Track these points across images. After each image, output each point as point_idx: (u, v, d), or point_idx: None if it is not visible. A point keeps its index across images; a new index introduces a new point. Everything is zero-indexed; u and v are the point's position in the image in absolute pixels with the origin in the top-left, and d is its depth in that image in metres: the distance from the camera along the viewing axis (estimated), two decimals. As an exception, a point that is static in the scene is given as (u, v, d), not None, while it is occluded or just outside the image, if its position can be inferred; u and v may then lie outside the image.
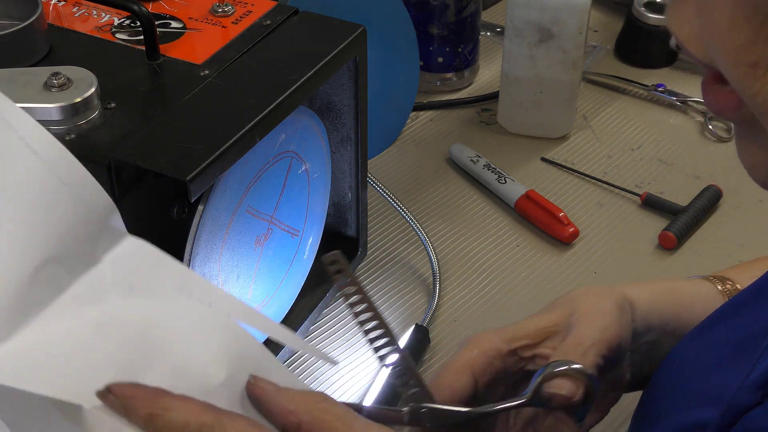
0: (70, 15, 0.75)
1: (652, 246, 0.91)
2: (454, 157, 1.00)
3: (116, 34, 0.73)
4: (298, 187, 0.75)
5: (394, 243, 0.91)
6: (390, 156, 1.01)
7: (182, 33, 0.73)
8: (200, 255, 0.66)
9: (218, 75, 0.68)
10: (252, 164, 0.68)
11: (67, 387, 0.41)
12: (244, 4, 0.75)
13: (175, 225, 0.69)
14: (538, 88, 0.99)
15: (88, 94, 0.63)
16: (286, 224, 0.75)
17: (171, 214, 0.69)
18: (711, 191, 0.94)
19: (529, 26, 0.95)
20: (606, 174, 0.99)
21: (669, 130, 1.05)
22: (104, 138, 0.62)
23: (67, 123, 0.63)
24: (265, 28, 0.73)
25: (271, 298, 0.76)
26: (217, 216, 0.66)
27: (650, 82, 1.09)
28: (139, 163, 0.59)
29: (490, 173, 0.96)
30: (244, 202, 0.69)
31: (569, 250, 0.90)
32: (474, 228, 0.93)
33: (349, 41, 0.71)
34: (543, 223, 0.92)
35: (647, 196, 0.95)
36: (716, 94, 0.41)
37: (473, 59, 1.10)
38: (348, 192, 0.83)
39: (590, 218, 0.94)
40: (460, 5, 1.04)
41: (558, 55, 0.96)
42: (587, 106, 1.07)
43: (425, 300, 0.85)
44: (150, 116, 0.64)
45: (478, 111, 1.08)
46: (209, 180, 0.60)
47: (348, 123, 0.78)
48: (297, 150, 0.73)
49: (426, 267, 0.88)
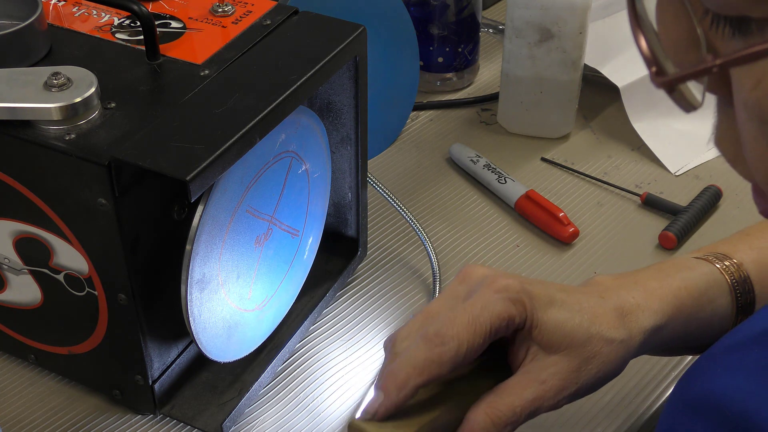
0: (70, 15, 0.75)
1: (652, 246, 0.90)
2: (454, 157, 1.00)
3: (116, 34, 0.73)
4: (298, 187, 0.75)
5: (394, 243, 0.91)
6: (390, 156, 1.01)
7: (182, 33, 0.73)
8: (200, 255, 0.66)
9: (218, 75, 0.68)
10: (252, 164, 0.68)
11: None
12: (244, 4, 0.75)
13: (175, 225, 0.69)
14: (538, 88, 0.99)
15: (88, 94, 0.63)
16: (286, 224, 0.75)
17: (171, 214, 0.69)
18: (711, 191, 0.94)
19: (529, 26, 0.95)
20: (606, 174, 0.99)
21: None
22: (104, 138, 0.62)
23: (67, 123, 0.63)
24: (265, 28, 0.73)
25: (271, 298, 0.76)
26: (217, 216, 0.66)
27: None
28: (139, 163, 0.59)
29: (490, 173, 0.96)
30: (244, 202, 0.69)
31: (569, 250, 0.90)
32: (474, 228, 0.93)
33: (349, 41, 0.71)
34: (543, 223, 0.92)
35: (647, 196, 0.95)
36: (761, 203, 0.42)
37: (473, 59, 1.10)
38: (348, 192, 0.83)
39: (590, 218, 0.94)
40: (460, 5, 1.04)
41: (558, 55, 0.96)
42: (587, 106, 1.07)
43: (425, 300, 0.85)
44: (150, 116, 0.64)
45: (478, 111, 1.08)
46: (209, 180, 0.60)
47: (348, 123, 0.78)
48: (297, 150, 0.73)
49: (426, 267, 0.88)
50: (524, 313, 0.59)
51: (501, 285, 0.59)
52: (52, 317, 0.73)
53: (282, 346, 0.78)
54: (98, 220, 0.63)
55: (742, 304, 0.66)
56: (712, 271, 0.66)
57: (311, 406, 0.76)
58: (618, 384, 0.76)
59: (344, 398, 0.77)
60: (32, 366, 0.79)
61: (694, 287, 0.64)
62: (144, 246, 0.66)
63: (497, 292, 0.59)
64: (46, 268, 0.70)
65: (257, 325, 0.76)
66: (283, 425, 0.75)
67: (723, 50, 0.36)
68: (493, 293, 0.59)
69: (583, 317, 0.60)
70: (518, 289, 0.59)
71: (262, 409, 0.76)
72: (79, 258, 0.67)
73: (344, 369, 0.79)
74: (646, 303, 0.63)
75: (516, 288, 0.59)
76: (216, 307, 0.70)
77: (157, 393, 0.73)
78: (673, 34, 0.38)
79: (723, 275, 0.66)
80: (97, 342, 0.71)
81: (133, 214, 0.64)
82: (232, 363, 0.75)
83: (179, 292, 0.66)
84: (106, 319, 0.69)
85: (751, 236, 0.69)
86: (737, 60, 0.34)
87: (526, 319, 0.59)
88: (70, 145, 0.62)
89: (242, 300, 0.73)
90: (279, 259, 0.76)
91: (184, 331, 0.68)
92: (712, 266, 0.66)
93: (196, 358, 0.76)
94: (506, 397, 0.58)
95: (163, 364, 0.73)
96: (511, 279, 0.60)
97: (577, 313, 0.60)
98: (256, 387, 0.75)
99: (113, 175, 0.61)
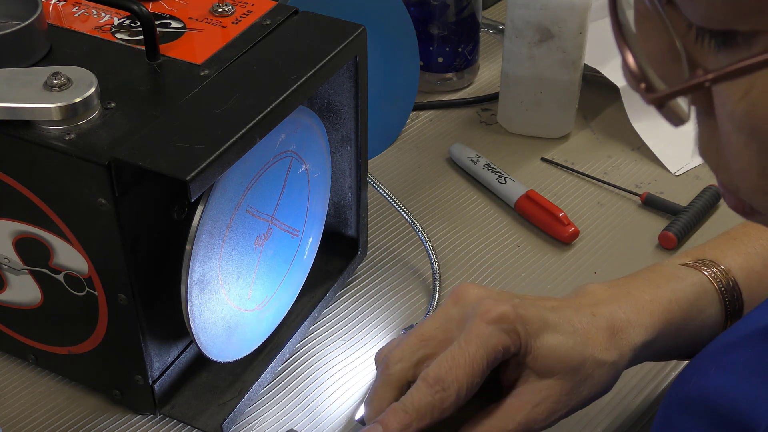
0: (70, 15, 0.75)
1: (652, 246, 0.90)
2: (454, 157, 1.00)
3: (116, 34, 0.73)
4: (298, 187, 0.75)
5: (394, 243, 0.91)
6: (390, 156, 1.01)
7: (182, 33, 0.73)
8: (200, 255, 0.66)
9: (218, 75, 0.68)
10: (252, 164, 0.68)
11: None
12: (244, 4, 0.75)
13: (175, 225, 0.69)
14: (538, 88, 0.99)
15: (88, 94, 0.63)
16: (286, 224, 0.75)
17: (171, 214, 0.69)
18: (711, 191, 0.94)
19: (529, 26, 0.95)
20: (606, 174, 0.99)
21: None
22: (104, 138, 0.62)
23: (67, 123, 0.63)
24: (265, 28, 0.73)
25: (271, 298, 0.76)
26: (217, 216, 0.66)
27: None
28: (139, 163, 0.59)
29: (490, 173, 0.96)
30: (244, 201, 0.69)
31: (569, 250, 0.90)
32: (474, 228, 0.93)
33: (349, 41, 0.71)
34: (543, 223, 0.92)
35: (647, 196, 0.95)
36: (731, 199, 0.41)
37: (473, 59, 1.10)
38: (348, 192, 0.83)
39: (590, 218, 0.94)
40: (460, 5, 1.04)
41: (558, 55, 0.96)
42: (587, 106, 1.07)
43: (425, 300, 0.85)
44: (150, 116, 0.64)
45: (478, 111, 1.08)
46: (209, 180, 0.60)
47: (348, 123, 0.78)
48: (297, 150, 0.73)
49: (426, 267, 0.88)
50: (518, 342, 0.59)
51: (495, 315, 0.59)
52: (52, 317, 0.73)
53: (282, 346, 0.78)
54: (98, 220, 0.63)
55: (731, 311, 0.66)
56: (702, 281, 0.66)
57: (311, 406, 0.76)
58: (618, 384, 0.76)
59: (344, 398, 0.77)
60: (32, 366, 0.79)
61: (684, 299, 0.65)
62: (144, 246, 0.66)
63: (491, 323, 0.59)
64: (46, 268, 0.70)
65: (257, 325, 0.76)
66: (283, 425, 0.75)
67: (706, 63, 0.36)
68: (487, 325, 0.59)
69: (576, 340, 0.61)
70: (512, 317, 0.59)
71: (262, 409, 0.76)
72: (79, 258, 0.67)
73: (344, 369, 0.79)
74: (637, 319, 0.63)
75: (510, 317, 0.59)
76: (216, 307, 0.70)
77: (157, 393, 0.73)
78: (652, 48, 0.38)
79: (712, 284, 0.66)
80: (97, 342, 0.71)
81: (133, 214, 0.64)
82: (232, 363, 0.75)
83: (179, 292, 0.66)
84: (106, 319, 0.69)
85: (737, 240, 0.70)
86: (728, 74, 0.33)
87: (520, 346, 0.59)
88: (70, 145, 0.62)
89: (242, 300, 0.73)
90: (279, 259, 0.76)
91: (184, 331, 0.68)
92: (701, 275, 0.66)
93: (196, 358, 0.76)
94: (499, 421, 0.59)
95: (163, 364, 0.73)
96: (505, 305, 0.60)
97: (571, 336, 0.61)
98: (256, 387, 0.75)
99: (113, 175, 0.61)
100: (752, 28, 0.33)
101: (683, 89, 0.35)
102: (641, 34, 0.38)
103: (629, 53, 0.36)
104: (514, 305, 0.60)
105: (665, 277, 0.66)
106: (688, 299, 0.65)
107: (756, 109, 0.34)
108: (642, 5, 0.38)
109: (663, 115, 0.36)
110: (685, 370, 0.54)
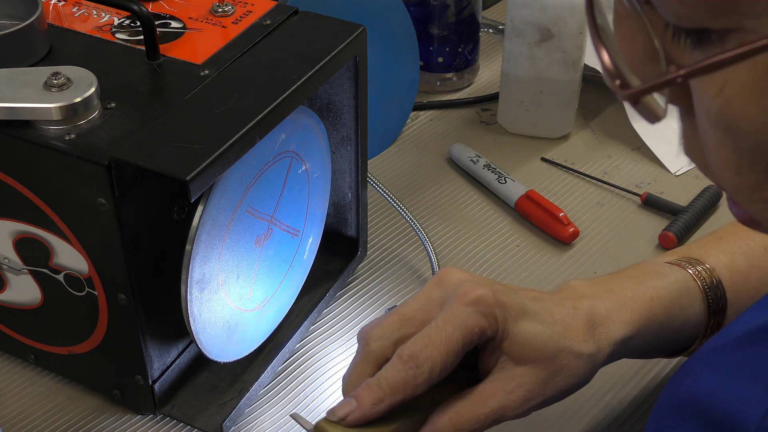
0: (70, 15, 0.75)
1: (652, 246, 0.90)
2: (454, 157, 1.00)
3: (116, 34, 0.73)
4: (298, 187, 0.75)
5: (394, 243, 0.91)
6: (390, 156, 1.01)
7: (182, 33, 0.73)
8: (200, 255, 0.66)
9: (218, 75, 0.68)
10: (252, 164, 0.68)
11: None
12: (244, 4, 0.75)
13: (175, 225, 0.69)
14: (538, 88, 0.99)
15: (88, 94, 0.63)
16: (286, 224, 0.75)
17: (171, 214, 0.69)
18: (711, 191, 0.94)
19: (529, 26, 0.95)
20: (606, 174, 0.99)
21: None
22: (104, 138, 0.62)
23: (67, 123, 0.63)
24: (265, 28, 0.73)
25: (271, 298, 0.76)
26: (217, 216, 0.66)
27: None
28: (139, 163, 0.59)
29: (490, 173, 0.96)
30: (244, 202, 0.69)
31: (569, 250, 0.90)
32: (474, 228, 0.93)
33: (349, 41, 0.71)
34: (543, 223, 0.92)
35: (647, 196, 0.95)
36: (737, 211, 0.42)
37: (473, 59, 1.10)
38: (348, 192, 0.83)
39: (590, 218, 0.94)
40: (460, 5, 1.04)
41: (558, 55, 0.96)
42: (587, 106, 1.07)
43: (425, 300, 0.85)
44: (150, 116, 0.64)
45: (478, 111, 1.08)
46: (209, 180, 0.60)
47: (348, 123, 0.78)
48: (297, 150, 0.73)
49: (426, 267, 0.88)
50: (496, 325, 0.59)
51: (473, 297, 0.59)
52: (52, 317, 0.73)
53: (282, 346, 0.78)
54: (98, 220, 0.63)
55: (714, 310, 0.67)
56: (685, 278, 0.66)
57: (311, 406, 0.76)
58: (618, 384, 0.76)
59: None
60: (32, 366, 0.79)
61: (667, 296, 0.65)
62: (144, 246, 0.66)
63: (469, 305, 0.59)
64: (46, 268, 0.70)
65: (257, 325, 0.76)
66: (283, 425, 0.75)
67: (683, 61, 0.37)
68: (465, 306, 0.59)
69: (554, 330, 0.61)
70: (491, 301, 0.59)
71: (262, 409, 0.76)
72: (79, 258, 0.67)
73: (344, 369, 0.79)
74: (618, 314, 0.63)
75: (488, 300, 0.59)
76: (216, 307, 0.70)
77: (157, 393, 0.73)
78: (632, 47, 0.39)
79: (695, 282, 0.66)
80: (97, 342, 0.71)
81: (133, 214, 0.64)
82: (232, 363, 0.75)
83: (179, 292, 0.66)
84: (106, 319, 0.69)
85: (723, 240, 0.70)
86: (700, 70, 0.34)
87: (497, 330, 0.60)
88: (70, 145, 0.62)
89: (242, 300, 0.73)
90: (279, 259, 0.76)
91: (184, 331, 0.68)
92: (684, 272, 0.67)
93: (196, 358, 0.76)
94: (471, 404, 0.59)
95: (163, 364, 0.73)
96: (484, 288, 0.60)
97: (549, 326, 0.61)
98: (256, 387, 0.75)
99: (113, 175, 0.61)
100: (725, 26, 0.34)
101: (656, 85, 0.36)
102: (621, 34, 0.39)
103: (605, 52, 0.37)
104: (494, 290, 0.60)
105: (648, 274, 0.67)
106: (671, 296, 0.65)
107: (730, 106, 0.35)
108: (621, 6, 0.39)
109: (638, 111, 0.38)
110: (676, 373, 0.54)
